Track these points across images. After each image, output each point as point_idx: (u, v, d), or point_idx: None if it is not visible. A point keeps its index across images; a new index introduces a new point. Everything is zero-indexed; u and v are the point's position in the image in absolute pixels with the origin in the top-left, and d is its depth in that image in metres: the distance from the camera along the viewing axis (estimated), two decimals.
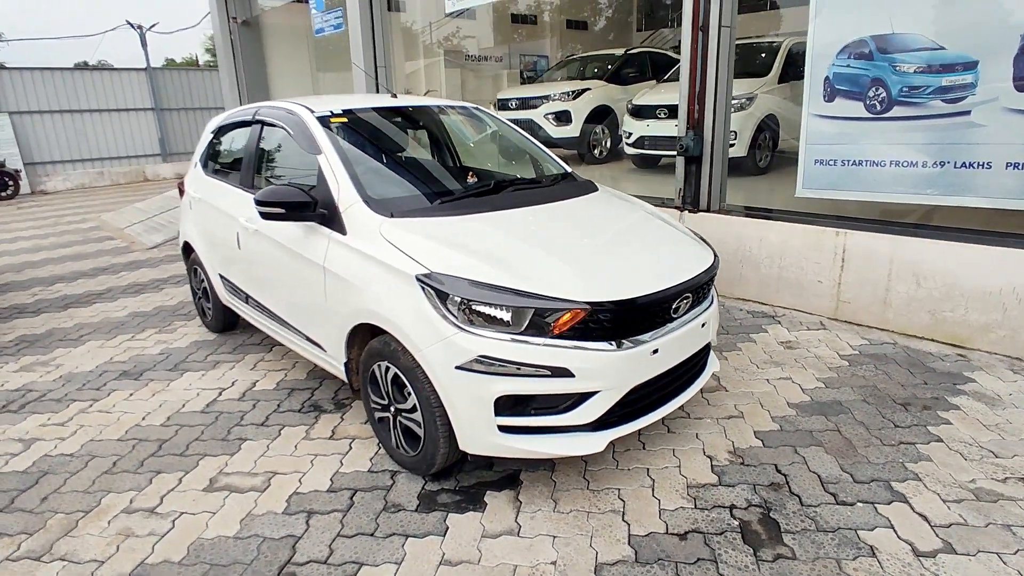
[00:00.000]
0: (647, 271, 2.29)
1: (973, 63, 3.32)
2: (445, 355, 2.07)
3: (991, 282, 3.31)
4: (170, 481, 2.51)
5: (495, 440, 2.11)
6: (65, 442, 2.86)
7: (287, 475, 2.52)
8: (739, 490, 2.31)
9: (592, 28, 16.39)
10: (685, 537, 2.07)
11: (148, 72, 14.47)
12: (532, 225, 2.51)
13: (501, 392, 2.04)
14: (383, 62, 7.59)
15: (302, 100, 3.14)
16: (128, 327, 4.45)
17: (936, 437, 2.61)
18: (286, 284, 2.91)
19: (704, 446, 2.62)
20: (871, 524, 2.10)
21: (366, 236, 2.39)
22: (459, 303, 2.06)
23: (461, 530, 2.14)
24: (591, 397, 2.09)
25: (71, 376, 3.61)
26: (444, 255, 2.18)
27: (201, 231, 3.86)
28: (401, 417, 2.39)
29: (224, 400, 3.22)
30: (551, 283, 2.07)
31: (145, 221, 8.59)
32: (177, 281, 5.68)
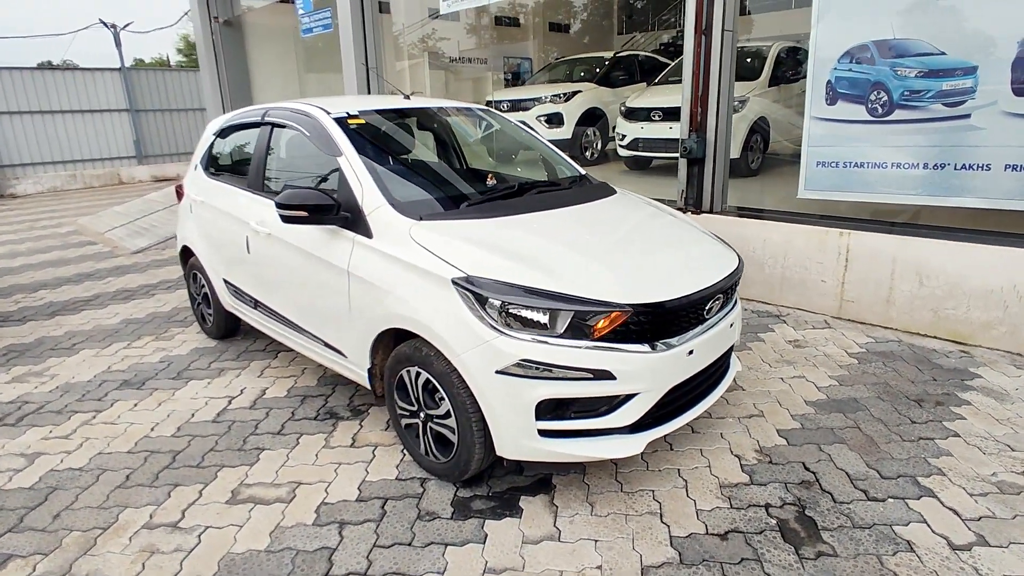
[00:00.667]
0: (681, 273, 2.29)
1: (973, 68, 3.42)
2: (484, 359, 2.04)
3: (992, 280, 3.41)
4: (190, 494, 2.43)
5: (535, 445, 2.09)
6: (72, 456, 2.74)
7: (312, 485, 2.46)
8: (772, 489, 2.33)
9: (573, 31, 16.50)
10: (726, 537, 2.08)
11: (122, 72, 14.08)
12: (562, 227, 2.49)
13: (543, 396, 2.02)
14: (374, 63, 7.51)
15: (315, 102, 3.08)
16: (123, 335, 4.31)
17: (953, 432, 2.67)
18: (303, 289, 2.85)
19: (730, 445, 2.63)
20: (905, 519, 2.13)
21: (395, 239, 2.35)
22: (499, 306, 2.04)
23: (501, 537, 2.11)
24: (631, 399, 2.09)
25: (69, 386, 3.48)
26: (480, 258, 2.16)
27: (203, 235, 3.76)
28: (432, 423, 2.35)
29: (235, 409, 3.14)
30: (592, 286, 2.06)
31: (127, 225, 8.35)
32: (168, 286, 5.52)
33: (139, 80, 14.55)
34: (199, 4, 10.04)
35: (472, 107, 3.61)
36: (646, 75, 9.43)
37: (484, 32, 14.32)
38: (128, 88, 14.19)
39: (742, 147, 6.46)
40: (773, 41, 7.19)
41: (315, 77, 10.57)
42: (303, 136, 2.93)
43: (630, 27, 17.14)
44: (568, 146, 8.28)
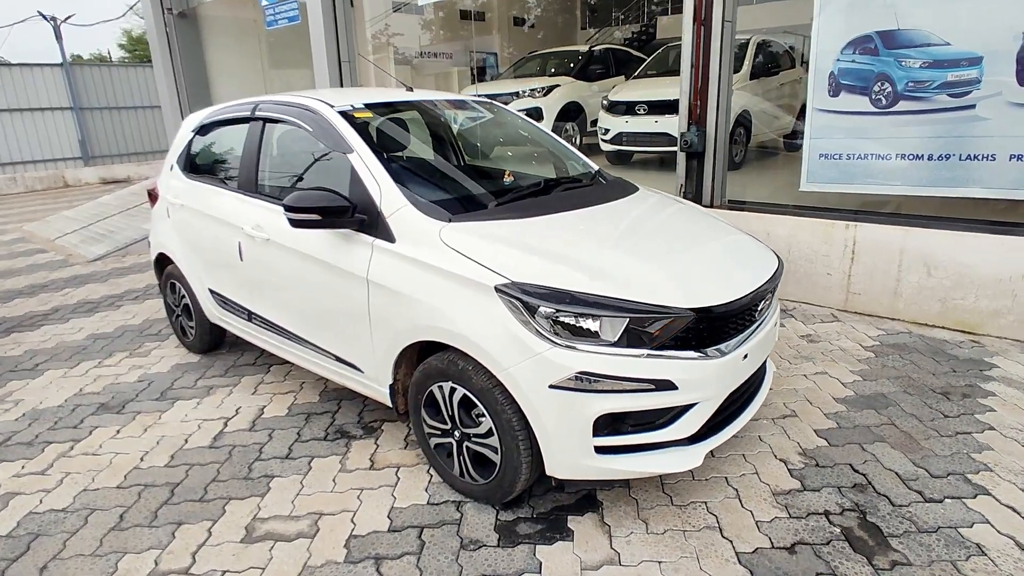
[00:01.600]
0: (733, 273, 2.17)
1: (978, 59, 3.43)
2: (536, 373, 1.87)
3: (1000, 269, 3.43)
4: (197, 533, 2.17)
5: (590, 462, 1.94)
6: (52, 495, 2.44)
7: (336, 515, 2.23)
8: (826, 494, 2.24)
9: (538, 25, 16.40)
10: (794, 550, 1.97)
11: (65, 68, 13.18)
12: (600, 227, 2.34)
13: (602, 411, 1.86)
14: (347, 57, 7.19)
15: (314, 94, 2.83)
16: (92, 352, 3.94)
17: (987, 425, 2.65)
18: (311, 299, 2.61)
19: (772, 449, 2.54)
20: (967, 520, 2.07)
21: (423, 243, 2.14)
22: (550, 315, 1.87)
23: (556, 564, 1.95)
24: (689, 409, 1.96)
25: (37, 413, 3.13)
26: (523, 262, 1.98)
27: (184, 241, 3.44)
28: (469, 443, 2.16)
29: (233, 431, 2.87)
30: (649, 290, 1.91)
31: (80, 231, 7.78)
32: (136, 296, 5.12)
33: (83, 76, 13.67)
34: None
35: (478, 100, 3.41)
36: (621, 68, 9.38)
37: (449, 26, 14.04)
38: (71, 85, 13.31)
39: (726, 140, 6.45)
40: (751, 34, 7.22)
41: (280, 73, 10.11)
42: (303, 132, 2.68)
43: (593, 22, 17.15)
44: None
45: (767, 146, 7.02)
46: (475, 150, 3.37)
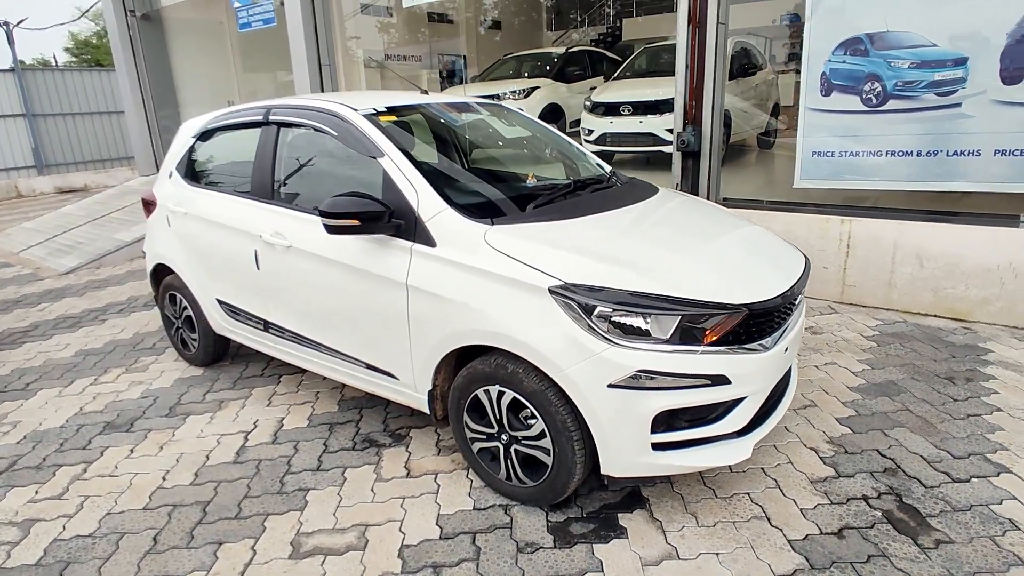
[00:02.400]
0: (770, 270, 2.23)
1: (963, 59, 3.61)
2: (595, 373, 1.88)
3: (989, 259, 3.62)
4: (241, 552, 2.10)
5: (647, 460, 1.96)
6: (74, 520, 2.32)
7: (382, 526, 2.20)
8: (860, 480, 2.32)
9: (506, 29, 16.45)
10: (842, 535, 2.03)
11: (16, 73, 12.53)
12: (639, 227, 2.37)
13: (660, 407, 1.89)
14: (327, 60, 7.06)
15: (334, 97, 2.78)
16: (84, 369, 3.76)
17: (995, 407, 2.79)
18: (341, 307, 2.55)
19: (800, 438, 2.62)
20: (996, 497, 2.18)
21: (467, 247, 2.13)
22: (607, 315, 1.88)
23: (617, 561, 1.96)
24: (740, 403, 2.00)
25: (39, 435, 2.98)
26: (574, 263, 1.99)
27: (188, 250, 3.33)
28: (518, 445, 2.16)
29: (255, 445, 2.79)
30: (701, 287, 1.95)
31: (45, 243, 7.42)
32: (120, 310, 4.92)
33: (36, 81, 13.03)
34: None
35: (490, 104, 3.41)
36: (596, 70, 9.50)
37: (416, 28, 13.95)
38: (23, 91, 12.67)
39: None
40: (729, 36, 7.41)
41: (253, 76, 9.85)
42: (328, 136, 2.62)
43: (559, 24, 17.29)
44: None
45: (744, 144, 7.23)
46: (495, 153, 3.37)
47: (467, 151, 3.24)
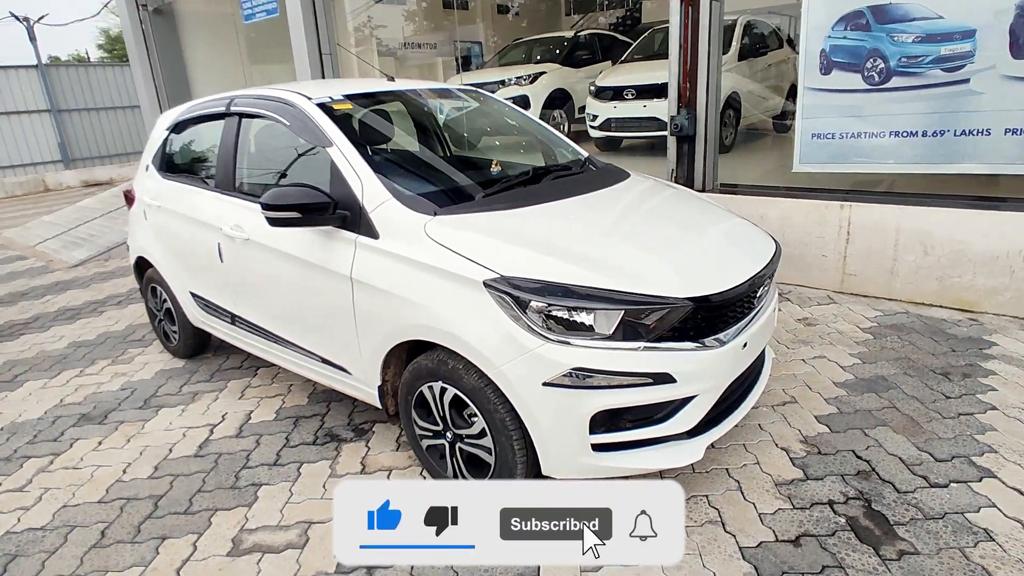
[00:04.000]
0: (730, 260, 2.10)
1: (971, 31, 3.36)
2: (529, 371, 1.79)
3: (997, 246, 3.38)
4: (182, 548, 2.09)
5: (588, 461, 1.87)
6: (30, 512, 2.34)
7: (326, 523, 2.16)
8: (829, 483, 2.19)
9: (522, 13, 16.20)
10: (798, 543, 1.91)
11: (40, 69, 12.88)
12: (591, 216, 2.26)
13: (598, 407, 1.79)
14: (328, 49, 7.03)
15: (290, 87, 2.72)
16: (72, 361, 3.83)
17: (989, 405, 2.61)
18: (294, 300, 2.51)
19: (773, 437, 2.48)
20: (974, 505, 2.03)
21: (407, 239, 2.06)
22: (541, 310, 1.79)
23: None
24: (689, 402, 1.89)
25: (15, 427, 3.03)
26: (512, 255, 1.90)
27: (162, 243, 3.34)
28: (462, 444, 2.09)
29: (219, 439, 2.78)
30: (644, 280, 1.84)
31: (60, 236, 7.62)
32: (118, 301, 5.00)
33: (60, 77, 13.38)
34: None
35: (460, 88, 3.31)
36: (607, 54, 9.25)
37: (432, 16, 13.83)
38: (48, 87, 13.02)
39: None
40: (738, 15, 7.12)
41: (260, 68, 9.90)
42: (281, 126, 2.57)
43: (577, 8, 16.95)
44: None
45: (757, 128, 6.95)
46: (461, 140, 3.27)
47: (431, 139, 3.15)
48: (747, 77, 6.84)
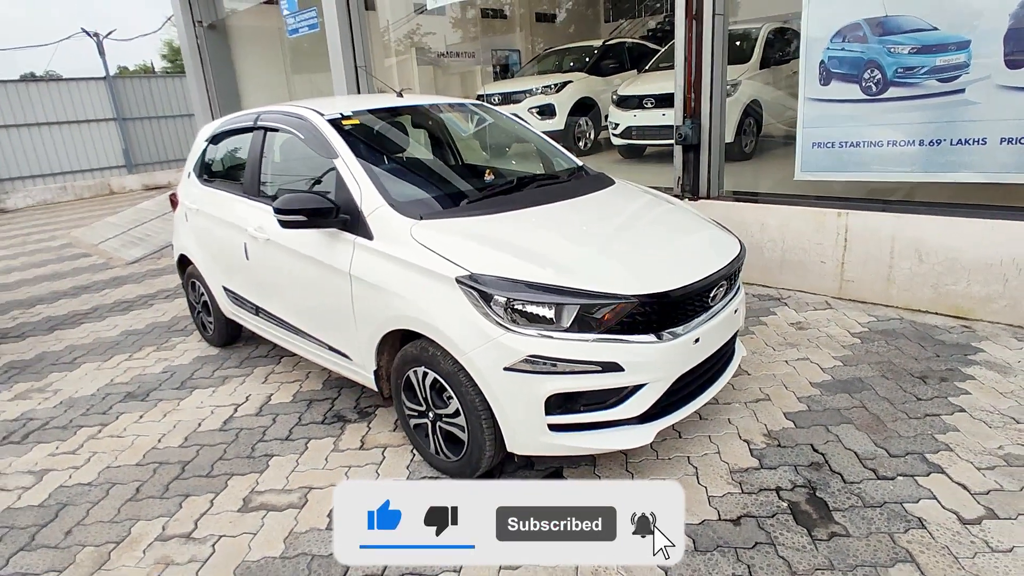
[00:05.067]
0: (685, 261, 2.29)
1: (965, 42, 3.41)
2: (492, 357, 2.04)
3: (992, 254, 3.41)
4: (201, 504, 2.43)
5: (545, 440, 2.10)
6: (80, 471, 2.74)
7: (324, 489, 2.46)
8: (782, 472, 2.34)
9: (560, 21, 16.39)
10: (738, 522, 2.09)
11: (108, 81, 13.95)
12: (563, 220, 2.49)
13: (552, 391, 2.02)
14: (362, 61, 7.46)
15: (308, 103, 3.05)
16: (123, 346, 4.29)
17: (958, 407, 2.69)
18: (305, 293, 2.84)
19: (739, 430, 2.64)
20: (915, 496, 2.15)
21: (396, 240, 2.34)
22: (504, 303, 2.03)
23: None
24: (639, 390, 2.09)
25: (72, 401, 3.47)
26: (482, 255, 2.15)
27: (200, 243, 3.74)
28: (441, 423, 2.35)
29: (241, 416, 3.13)
30: (596, 278, 2.06)
31: (120, 236, 8.31)
32: (167, 296, 5.50)
33: (125, 88, 14.43)
34: (182, 9, 9.94)
35: (465, 102, 3.59)
36: (636, 62, 9.38)
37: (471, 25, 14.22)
38: (114, 97, 14.07)
39: (735, 131, 6.46)
40: (762, 23, 7.17)
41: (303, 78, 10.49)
42: (297, 139, 2.91)
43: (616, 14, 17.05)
44: (561, 137, 8.25)
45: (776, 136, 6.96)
46: (462, 151, 3.55)
47: (432, 150, 3.43)
48: (769, 85, 6.88)
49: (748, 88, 6.56)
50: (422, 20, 12.21)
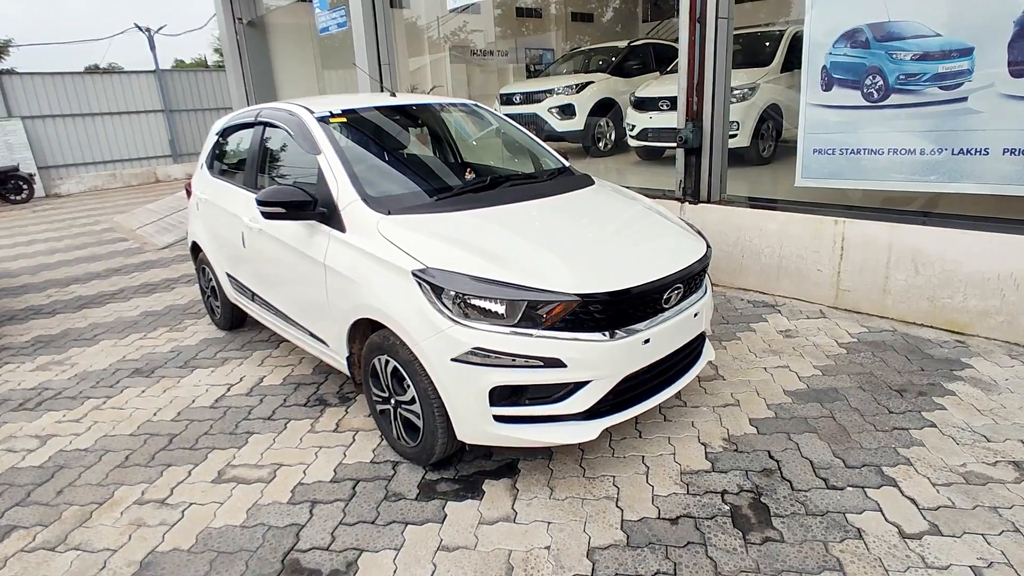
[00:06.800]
0: (639, 262, 2.33)
1: (969, 50, 3.31)
2: (441, 347, 2.13)
3: (989, 268, 3.31)
4: (180, 474, 2.60)
5: (491, 430, 2.18)
6: (80, 438, 2.96)
7: (292, 467, 2.60)
8: (731, 476, 2.36)
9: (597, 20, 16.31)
10: (676, 522, 2.12)
11: (157, 74, 14.64)
12: (527, 220, 2.56)
13: (495, 383, 2.10)
14: (387, 60, 7.64)
15: (303, 101, 3.20)
16: (140, 326, 4.56)
17: (929, 423, 2.64)
18: (289, 281, 2.99)
19: (699, 434, 2.66)
20: (860, 507, 2.14)
21: (364, 233, 2.45)
22: (453, 297, 2.12)
23: (459, 517, 2.20)
24: (584, 387, 2.15)
25: (85, 374, 3.73)
26: (439, 250, 2.24)
27: (208, 231, 3.95)
28: (401, 409, 2.46)
29: (232, 395, 3.31)
30: (543, 276, 2.12)
31: (157, 222, 8.74)
32: (188, 280, 5.79)
33: (173, 81, 15.11)
34: (223, 6, 10.36)
35: (456, 102, 3.69)
36: (662, 64, 9.30)
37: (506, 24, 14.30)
38: (162, 89, 14.75)
39: (752, 135, 6.36)
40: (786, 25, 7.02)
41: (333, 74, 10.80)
42: (289, 135, 3.06)
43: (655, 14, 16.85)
44: (581, 137, 8.28)
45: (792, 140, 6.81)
46: (447, 150, 3.64)
47: (416, 148, 3.54)
48: (791, 89, 6.73)
49: (766, 92, 6.44)
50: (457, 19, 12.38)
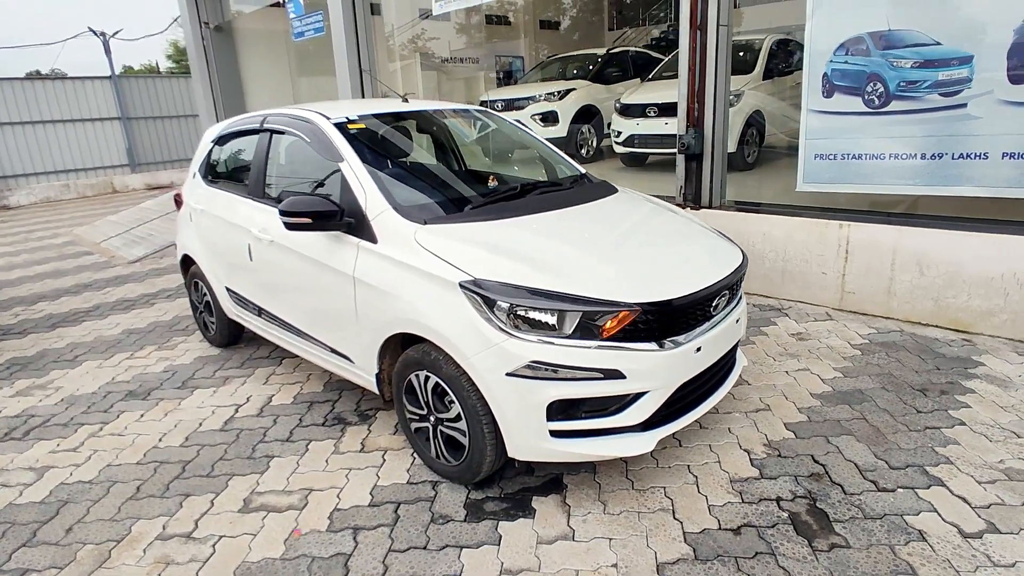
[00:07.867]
0: (688, 270, 2.30)
1: (968, 57, 3.44)
2: (494, 362, 2.04)
3: (993, 268, 3.43)
4: (201, 504, 2.43)
5: (546, 445, 2.10)
6: (81, 468, 2.74)
7: (324, 491, 2.46)
8: (782, 482, 2.34)
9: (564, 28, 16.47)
10: (739, 532, 2.09)
11: (113, 80, 13.99)
12: (566, 228, 2.50)
13: (554, 397, 2.02)
14: (367, 66, 7.49)
15: (314, 107, 3.07)
16: (125, 345, 4.29)
17: (959, 420, 2.69)
18: (309, 295, 2.85)
19: (739, 440, 2.65)
20: (915, 509, 2.15)
21: (400, 244, 2.35)
22: (507, 309, 2.04)
23: (515, 538, 2.12)
24: (641, 398, 2.10)
25: (73, 399, 3.47)
26: (486, 260, 2.16)
27: (204, 243, 3.75)
28: (442, 427, 2.36)
29: (242, 417, 3.13)
30: (599, 286, 2.07)
31: (123, 234, 8.32)
32: (168, 295, 5.51)
33: (130, 88, 14.47)
34: (189, 10, 9.99)
35: (469, 108, 3.61)
36: (639, 71, 9.43)
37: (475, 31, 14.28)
38: (119, 96, 14.11)
39: (738, 141, 6.48)
40: (766, 34, 7.21)
41: (307, 81, 10.53)
42: (303, 142, 2.92)
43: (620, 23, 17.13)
44: (564, 144, 8.28)
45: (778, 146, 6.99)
46: (466, 157, 3.56)
47: (436, 155, 3.45)
48: (772, 95, 6.91)
49: (751, 99, 6.59)
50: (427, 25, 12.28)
